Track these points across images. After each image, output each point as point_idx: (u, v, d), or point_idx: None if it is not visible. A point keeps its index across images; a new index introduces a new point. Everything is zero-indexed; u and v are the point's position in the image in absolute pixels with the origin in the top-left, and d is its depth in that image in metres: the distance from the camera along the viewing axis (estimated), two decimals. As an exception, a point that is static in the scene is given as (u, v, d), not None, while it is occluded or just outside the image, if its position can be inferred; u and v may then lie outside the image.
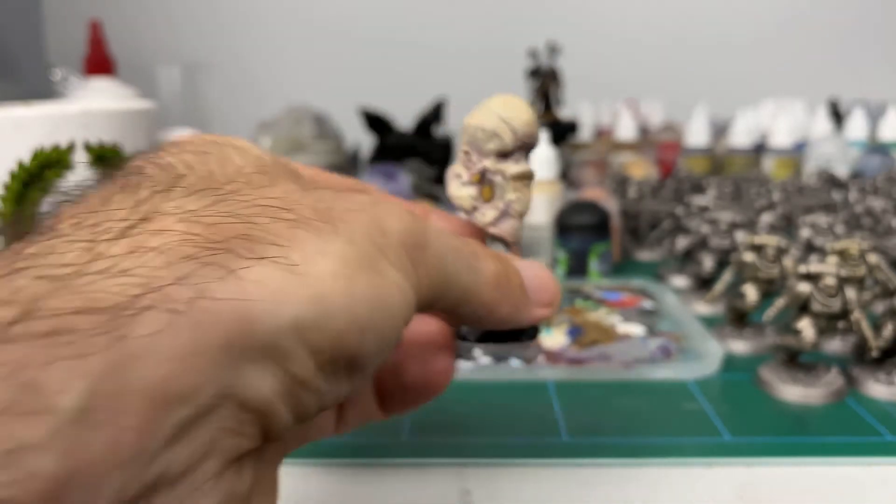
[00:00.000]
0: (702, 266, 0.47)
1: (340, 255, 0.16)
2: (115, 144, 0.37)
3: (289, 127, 0.88)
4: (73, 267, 0.13)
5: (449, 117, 0.94)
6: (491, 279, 0.20)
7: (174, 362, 0.13)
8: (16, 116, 0.35)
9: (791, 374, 0.33)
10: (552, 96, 0.76)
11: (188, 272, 0.14)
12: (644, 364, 0.35)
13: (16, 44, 1.11)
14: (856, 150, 0.82)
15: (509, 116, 0.22)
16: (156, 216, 0.15)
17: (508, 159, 0.23)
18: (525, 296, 0.22)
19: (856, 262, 0.34)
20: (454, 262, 0.19)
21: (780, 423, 0.30)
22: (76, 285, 0.13)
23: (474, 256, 0.20)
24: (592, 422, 0.30)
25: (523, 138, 0.22)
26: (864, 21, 1.19)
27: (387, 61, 1.20)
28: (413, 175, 0.68)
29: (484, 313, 0.20)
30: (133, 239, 0.14)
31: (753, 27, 1.19)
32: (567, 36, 0.89)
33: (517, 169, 0.23)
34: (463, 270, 0.19)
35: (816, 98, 0.98)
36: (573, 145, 0.87)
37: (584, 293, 0.47)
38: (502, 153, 0.23)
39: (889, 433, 0.29)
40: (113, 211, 0.15)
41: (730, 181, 0.66)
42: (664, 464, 0.27)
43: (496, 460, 0.27)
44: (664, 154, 0.88)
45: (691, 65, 1.19)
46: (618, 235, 0.55)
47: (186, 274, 0.14)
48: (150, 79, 1.13)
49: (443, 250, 0.19)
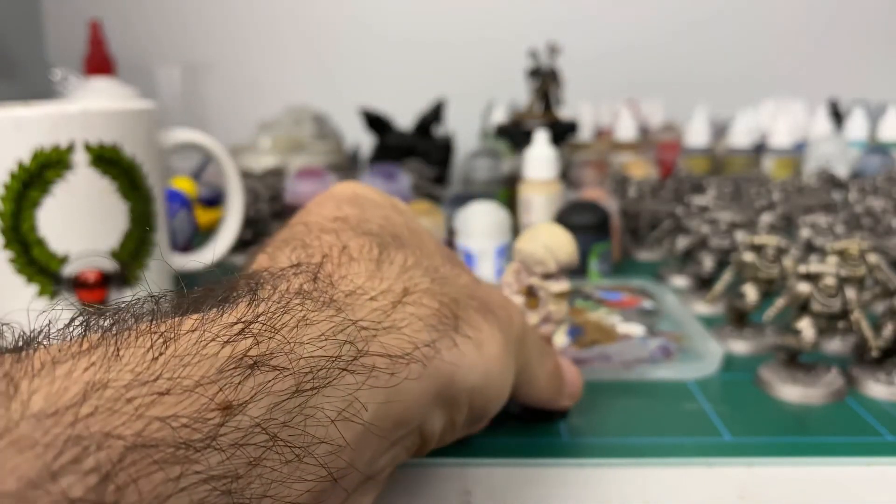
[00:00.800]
0: (702, 266, 0.47)
1: (498, 342, 0.22)
2: (115, 144, 0.37)
3: (289, 127, 0.88)
4: (372, 322, 0.18)
5: (449, 117, 0.94)
6: (550, 372, 0.27)
7: (413, 399, 0.19)
8: (16, 116, 0.35)
9: (791, 374, 0.33)
10: (552, 96, 0.76)
11: (435, 338, 0.20)
12: (644, 364, 0.35)
13: (16, 44, 1.11)
14: (856, 150, 0.82)
15: (555, 248, 0.28)
16: (414, 290, 0.21)
17: (551, 279, 0.28)
18: (563, 388, 0.28)
19: (856, 262, 0.34)
20: (534, 355, 0.25)
21: (780, 423, 0.30)
22: (376, 339, 0.18)
23: (545, 353, 0.26)
24: (592, 422, 0.30)
25: (564, 265, 0.28)
26: (864, 21, 1.19)
27: (387, 61, 1.20)
28: (413, 175, 0.68)
29: (535, 396, 0.26)
30: (405, 307, 0.20)
31: (754, 27, 1.19)
32: (567, 36, 0.89)
33: (558, 288, 0.28)
34: (536, 362, 0.25)
35: (816, 98, 0.98)
36: (573, 145, 0.87)
37: (584, 293, 0.47)
38: (546, 275, 0.28)
39: (889, 433, 0.29)
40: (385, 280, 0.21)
41: (730, 181, 0.66)
42: (664, 464, 0.27)
43: (496, 460, 0.27)
44: (664, 154, 0.88)
45: (691, 65, 1.19)
46: (618, 235, 0.55)
47: (434, 339, 0.20)
48: (150, 79, 1.13)
49: (531, 345, 0.25)
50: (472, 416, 0.22)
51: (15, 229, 0.35)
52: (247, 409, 0.14)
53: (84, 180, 0.36)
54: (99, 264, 0.37)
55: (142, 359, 0.14)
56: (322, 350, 0.16)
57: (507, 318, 0.24)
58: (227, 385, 0.14)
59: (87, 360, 0.13)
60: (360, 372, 0.17)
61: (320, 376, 0.16)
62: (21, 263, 0.36)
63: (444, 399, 0.20)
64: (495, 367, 0.22)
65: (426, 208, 0.52)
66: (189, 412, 0.13)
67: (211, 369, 0.14)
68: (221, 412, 0.14)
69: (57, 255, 0.36)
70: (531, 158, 0.56)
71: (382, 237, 0.23)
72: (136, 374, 0.13)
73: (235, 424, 0.14)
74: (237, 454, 0.14)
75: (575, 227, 0.50)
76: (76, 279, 0.37)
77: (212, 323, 0.15)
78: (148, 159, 0.39)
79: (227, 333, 0.15)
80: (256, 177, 0.70)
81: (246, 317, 0.16)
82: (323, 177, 0.64)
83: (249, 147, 0.87)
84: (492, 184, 0.70)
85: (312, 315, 0.17)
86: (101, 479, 0.11)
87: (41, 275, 0.36)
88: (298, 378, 0.15)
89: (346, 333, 0.17)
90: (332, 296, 0.18)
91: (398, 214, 0.26)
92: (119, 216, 0.37)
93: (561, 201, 0.55)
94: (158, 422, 0.13)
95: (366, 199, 0.26)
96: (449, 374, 0.20)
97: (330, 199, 0.25)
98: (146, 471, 0.12)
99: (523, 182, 0.57)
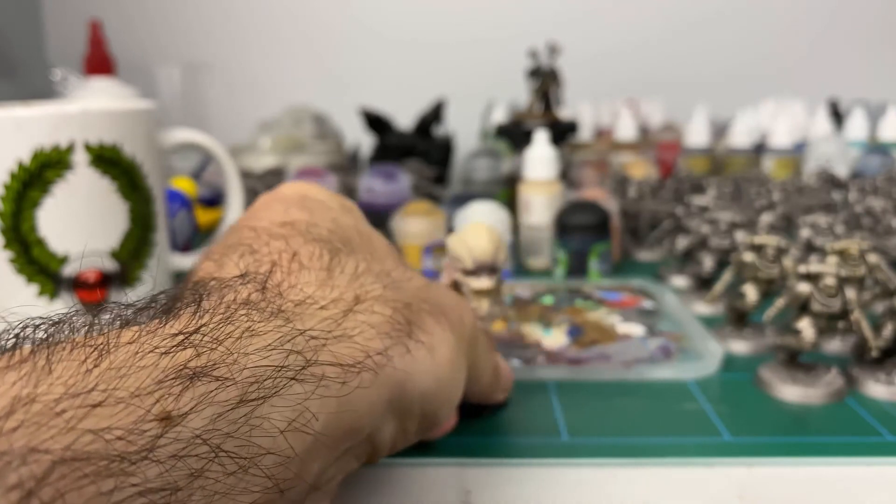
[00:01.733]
0: (702, 266, 0.47)
1: (450, 345, 0.22)
2: (115, 144, 0.37)
3: (289, 127, 0.88)
4: (321, 332, 0.18)
5: (449, 117, 0.94)
6: (492, 369, 0.27)
7: (365, 408, 0.18)
8: (16, 116, 0.35)
9: (791, 374, 0.33)
10: (552, 96, 0.76)
11: (388, 345, 0.20)
12: (644, 364, 0.35)
13: (16, 44, 1.11)
14: (856, 150, 0.82)
15: (473, 246, 0.29)
16: (366, 297, 0.21)
17: (472, 276, 0.29)
18: (500, 383, 0.28)
19: (856, 262, 0.34)
20: (482, 353, 0.25)
21: (780, 423, 0.30)
22: (326, 348, 0.18)
23: (490, 349, 0.27)
24: (592, 422, 0.30)
25: (481, 264, 0.29)
26: (864, 21, 1.19)
27: (387, 61, 1.20)
28: (413, 175, 0.68)
29: (476, 392, 0.26)
30: (356, 315, 0.20)
31: (754, 27, 1.19)
32: (567, 36, 0.89)
33: (477, 285, 0.29)
34: (482, 360, 0.26)
35: (816, 98, 0.98)
36: (573, 145, 0.87)
37: (584, 293, 0.47)
38: (466, 272, 0.29)
39: (889, 433, 0.29)
40: (335, 288, 0.20)
41: (730, 181, 0.66)
42: (664, 464, 0.27)
43: (496, 460, 0.27)
44: (664, 154, 0.88)
45: (691, 65, 1.19)
46: (618, 235, 0.55)
47: (387, 347, 0.20)
48: (150, 79, 1.13)
49: (480, 343, 0.25)
50: (424, 422, 0.22)
51: (15, 229, 0.35)
52: (187, 420, 0.14)
53: (84, 180, 0.36)
54: (99, 264, 0.37)
55: (75, 371, 0.13)
56: (268, 360, 0.16)
57: (458, 319, 0.24)
58: (165, 396, 0.14)
59: (15, 374, 0.13)
60: (309, 381, 0.17)
61: (266, 386, 0.16)
62: (21, 263, 0.36)
63: (395, 406, 0.20)
64: (447, 372, 0.22)
65: (426, 208, 0.52)
66: (124, 424, 0.13)
67: (148, 380, 0.14)
68: (160, 423, 0.13)
69: (57, 255, 0.36)
70: (531, 158, 0.56)
71: (332, 242, 0.23)
72: (69, 388, 0.13)
73: (175, 435, 0.13)
74: (177, 466, 0.13)
75: (575, 227, 0.50)
76: (76, 279, 0.37)
77: (151, 335, 0.15)
78: (148, 159, 0.39)
79: (167, 345, 0.15)
80: (256, 177, 0.70)
81: (188, 328, 0.16)
82: (323, 177, 0.64)
83: (249, 147, 0.87)
84: (492, 184, 0.70)
85: (259, 325, 0.17)
86: (23, 496, 0.11)
87: (41, 275, 0.36)
88: (243, 388, 0.15)
89: (293, 343, 0.17)
90: (280, 306, 0.18)
91: (347, 216, 0.25)
92: (119, 216, 0.37)
93: (561, 201, 0.55)
94: (91, 434, 0.12)
95: (314, 200, 0.25)
96: (401, 382, 0.20)
97: (277, 202, 0.25)
98: (76, 485, 0.12)
99: (523, 182, 0.57)
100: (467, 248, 0.29)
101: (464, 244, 0.29)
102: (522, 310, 0.43)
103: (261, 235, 0.23)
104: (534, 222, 0.55)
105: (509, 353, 0.36)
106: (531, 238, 0.55)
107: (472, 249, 0.29)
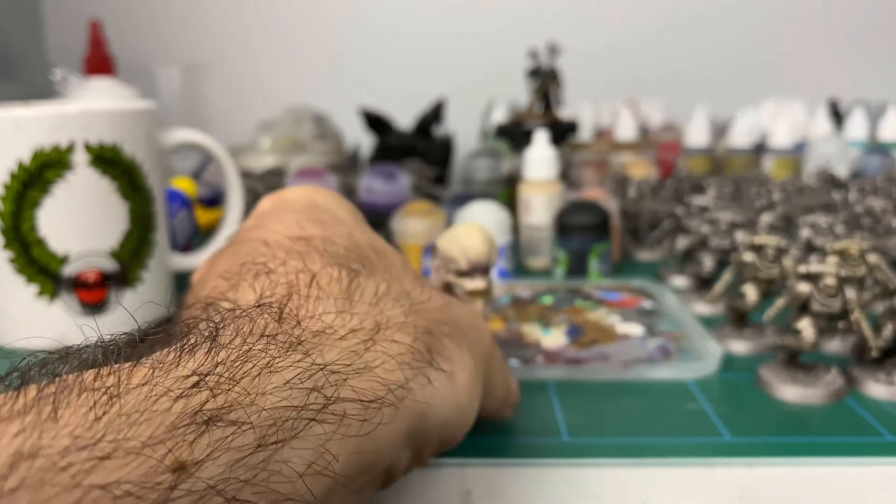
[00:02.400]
0: (702, 266, 0.47)
1: (469, 370, 0.22)
2: (115, 144, 0.37)
3: (289, 127, 0.88)
4: (342, 366, 0.18)
5: (449, 117, 0.94)
6: (505, 385, 0.27)
7: (385, 444, 0.18)
8: (16, 116, 0.35)
9: (791, 374, 0.33)
10: (552, 96, 0.76)
11: (409, 377, 0.19)
12: (643, 364, 0.35)
13: (16, 44, 1.11)
14: (856, 150, 0.82)
15: (467, 246, 0.28)
16: (387, 325, 0.20)
17: (465, 277, 0.29)
18: (510, 398, 0.28)
19: (856, 262, 0.33)
20: (497, 369, 0.25)
21: (780, 423, 0.30)
22: (346, 383, 0.17)
23: (504, 365, 0.27)
24: (592, 422, 0.30)
25: (476, 264, 0.28)
26: (864, 21, 1.19)
27: (387, 61, 1.20)
28: (413, 175, 0.68)
29: (486, 407, 0.25)
30: (376, 345, 0.19)
31: (754, 27, 1.19)
32: (567, 36, 0.89)
33: (472, 286, 0.29)
34: (497, 376, 0.25)
35: (816, 98, 0.98)
36: (573, 145, 0.87)
37: (583, 293, 0.47)
38: (460, 273, 0.29)
39: (889, 433, 0.29)
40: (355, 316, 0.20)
41: (730, 181, 0.66)
42: (664, 464, 0.27)
43: (496, 460, 0.27)
44: (664, 154, 0.88)
45: (691, 65, 1.19)
46: (618, 235, 0.55)
47: (407, 379, 0.19)
48: (150, 79, 1.13)
49: (496, 359, 0.25)
50: (440, 448, 0.21)
51: (15, 229, 0.35)
52: (202, 469, 0.13)
53: (84, 180, 0.36)
54: (99, 264, 0.37)
55: (83, 419, 0.13)
56: (287, 400, 0.15)
57: (476, 337, 0.23)
58: (178, 444, 0.13)
59: (17, 425, 0.12)
60: (329, 421, 0.16)
61: (286, 428, 0.15)
62: (21, 263, 0.36)
63: (414, 437, 0.19)
64: (466, 399, 0.21)
65: (426, 208, 0.52)
66: (135, 477, 0.12)
67: (160, 427, 0.13)
68: (173, 474, 0.13)
69: (57, 255, 0.36)
70: (531, 158, 0.56)
71: (350, 262, 0.22)
72: (75, 438, 0.12)
73: (189, 486, 0.13)
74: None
75: (575, 227, 0.50)
76: (76, 279, 0.37)
77: (164, 375, 0.14)
78: (148, 159, 0.39)
79: (181, 386, 0.14)
80: (256, 177, 0.70)
81: (203, 367, 0.15)
82: (323, 177, 0.64)
83: (249, 147, 0.87)
84: (492, 184, 0.70)
85: (277, 361, 0.16)
86: None
87: (41, 275, 0.36)
88: (261, 431, 0.14)
89: (313, 380, 0.16)
90: (298, 336, 0.18)
91: (362, 232, 0.25)
92: (119, 216, 0.37)
93: (561, 201, 0.55)
94: (98, 490, 0.12)
95: (326, 212, 0.25)
96: (422, 413, 0.19)
97: (288, 213, 0.24)
98: None
99: (523, 182, 0.57)
100: (461, 248, 0.28)
101: (457, 245, 0.28)
102: (522, 310, 0.43)
103: (276, 253, 0.22)
104: (534, 222, 0.55)
105: (509, 353, 0.36)
106: (531, 238, 0.55)
107: (466, 250, 0.28)
